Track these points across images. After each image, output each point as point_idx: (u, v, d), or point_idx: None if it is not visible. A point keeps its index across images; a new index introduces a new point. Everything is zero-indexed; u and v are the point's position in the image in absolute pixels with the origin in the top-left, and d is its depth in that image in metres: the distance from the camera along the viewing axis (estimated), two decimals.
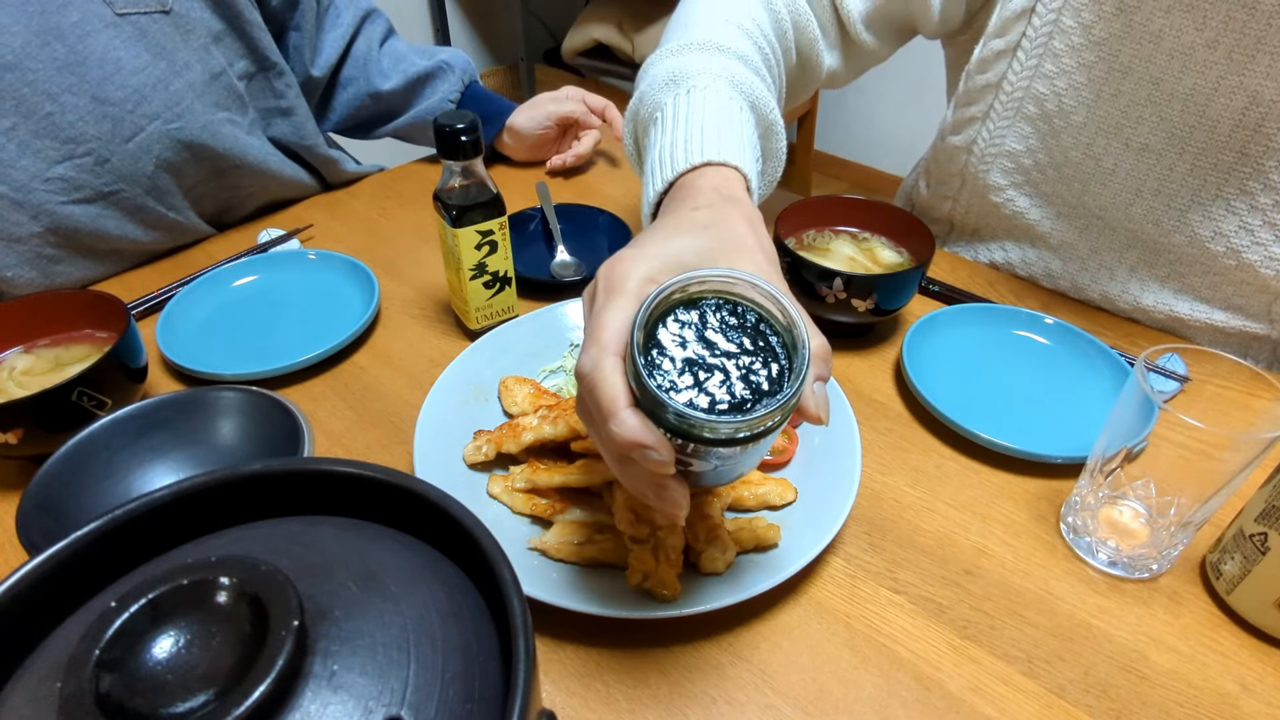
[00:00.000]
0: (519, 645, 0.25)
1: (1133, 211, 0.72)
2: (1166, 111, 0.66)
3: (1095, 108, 0.70)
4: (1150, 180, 0.70)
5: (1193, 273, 0.72)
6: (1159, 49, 0.64)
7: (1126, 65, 0.66)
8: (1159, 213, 0.71)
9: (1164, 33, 0.63)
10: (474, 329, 0.73)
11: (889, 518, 0.58)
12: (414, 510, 0.31)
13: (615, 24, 2.28)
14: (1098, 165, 0.72)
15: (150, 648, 0.24)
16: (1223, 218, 0.68)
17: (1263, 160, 0.64)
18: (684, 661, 0.48)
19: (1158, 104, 0.66)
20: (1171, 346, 0.51)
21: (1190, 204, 0.69)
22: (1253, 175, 0.65)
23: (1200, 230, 0.69)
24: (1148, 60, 0.65)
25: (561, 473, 0.55)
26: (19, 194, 0.72)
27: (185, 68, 0.78)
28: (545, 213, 0.90)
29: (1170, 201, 0.70)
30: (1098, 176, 0.73)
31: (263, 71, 0.88)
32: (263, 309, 0.78)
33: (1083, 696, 0.47)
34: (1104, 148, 0.71)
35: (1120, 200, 0.72)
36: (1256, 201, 0.66)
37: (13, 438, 0.55)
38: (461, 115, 0.63)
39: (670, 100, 0.58)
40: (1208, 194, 0.68)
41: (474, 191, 0.66)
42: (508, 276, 0.72)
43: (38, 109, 0.71)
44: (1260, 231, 0.66)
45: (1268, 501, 0.48)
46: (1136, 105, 0.68)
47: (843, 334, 0.75)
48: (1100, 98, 0.69)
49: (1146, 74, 0.66)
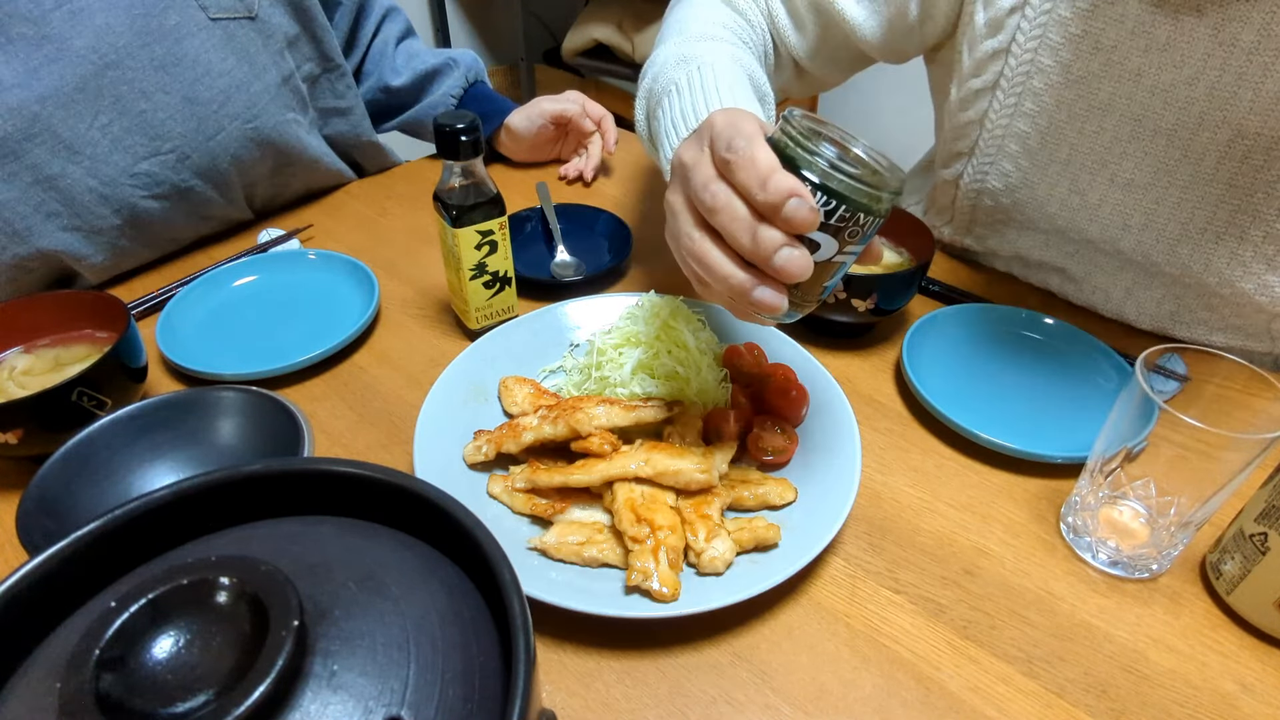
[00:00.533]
0: (519, 645, 0.25)
1: (1122, 245, 0.71)
2: (1150, 147, 0.66)
3: (1078, 145, 0.69)
4: (1137, 215, 0.69)
5: (1189, 295, 0.72)
6: (1139, 87, 0.64)
7: (1107, 103, 0.66)
8: (1148, 245, 0.70)
9: (1143, 71, 0.63)
10: (474, 329, 0.73)
11: (889, 518, 0.58)
12: (414, 510, 0.31)
13: (615, 24, 2.28)
14: (1083, 200, 0.71)
15: (150, 648, 0.24)
16: (1213, 249, 0.67)
17: (1251, 193, 0.63)
18: (684, 661, 0.48)
19: (1141, 140, 0.66)
20: (1171, 346, 0.51)
21: (1180, 237, 0.68)
22: (1241, 208, 0.64)
23: (1192, 263, 0.68)
24: (1128, 98, 0.65)
25: (561, 473, 0.55)
26: (107, 188, 0.75)
27: (263, 71, 0.84)
28: (545, 213, 0.90)
29: (1159, 235, 0.69)
30: (1084, 211, 0.72)
31: (326, 73, 0.94)
32: (263, 309, 0.78)
33: (1083, 696, 0.47)
34: (1089, 183, 0.70)
35: (1109, 234, 0.72)
36: (1247, 234, 0.65)
37: (13, 438, 0.55)
38: (461, 115, 0.63)
39: (684, 75, 0.64)
40: (1196, 226, 0.67)
41: (474, 191, 0.66)
42: (508, 276, 0.72)
43: (133, 106, 0.75)
44: (1252, 263, 0.66)
45: (1268, 501, 0.48)
46: (1120, 142, 0.67)
47: (843, 334, 0.75)
48: (1083, 135, 0.68)
49: (1128, 112, 0.65)
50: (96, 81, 0.72)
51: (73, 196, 0.74)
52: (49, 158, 0.71)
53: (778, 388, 0.63)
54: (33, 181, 0.71)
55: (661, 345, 0.65)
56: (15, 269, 0.74)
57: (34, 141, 0.70)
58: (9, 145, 0.69)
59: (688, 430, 0.58)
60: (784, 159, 0.42)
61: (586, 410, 0.57)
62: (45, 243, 0.74)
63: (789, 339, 0.69)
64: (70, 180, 0.73)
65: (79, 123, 0.72)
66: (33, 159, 0.71)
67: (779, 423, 0.62)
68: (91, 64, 0.71)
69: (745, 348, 0.68)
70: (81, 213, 0.75)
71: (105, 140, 0.74)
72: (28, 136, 0.70)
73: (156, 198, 0.79)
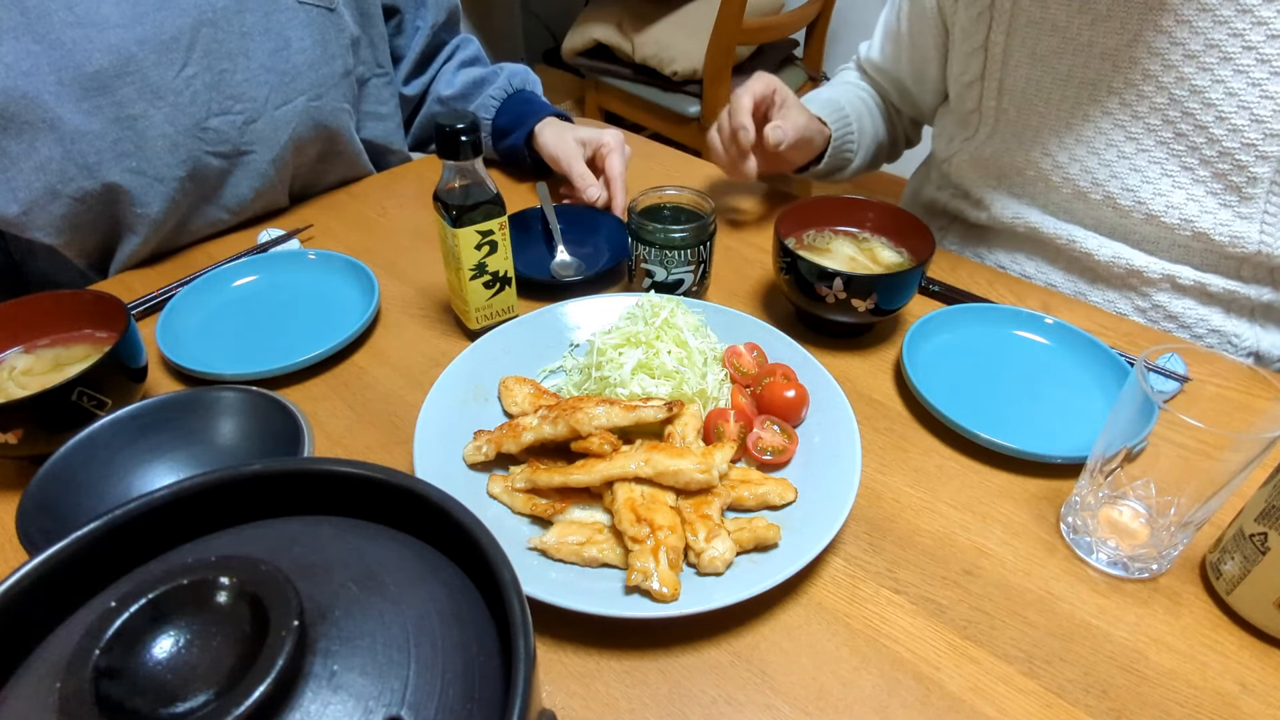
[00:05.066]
0: (519, 645, 0.25)
1: (1091, 196, 0.81)
2: (1106, 106, 0.77)
3: (1045, 114, 0.82)
4: (1101, 170, 0.79)
5: (1161, 239, 0.80)
6: (1091, 55, 0.76)
7: (1066, 74, 0.79)
8: (1115, 193, 0.79)
9: (1093, 41, 0.76)
10: (474, 329, 0.73)
11: (889, 518, 0.58)
12: (414, 510, 0.31)
13: (615, 24, 2.28)
14: (1054, 161, 0.82)
15: (150, 648, 0.24)
16: (1171, 192, 0.76)
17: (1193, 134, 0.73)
18: (684, 661, 0.48)
19: (1097, 101, 0.78)
20: (1171, 346, 0.51)
21: (1141, 183, 0.78)
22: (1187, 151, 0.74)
23: (1153, 206, 0.77)
24: (1084, 66, 0.77)
25: (561, 473, 0.55)
26: (180, 136, 0.80)
27: (333, 58, 0.90)
28: (545, 213, 0.90)
29: (1123, 185, 0.79)
30: (1056, 171, 0.82)
31: (376, 77, 1.00)
32: (263, 309, 0.78)
33: (1083, 696, 0.47)
34: (1057, 146, 0.82)
35: (1082, 186, 0.81)
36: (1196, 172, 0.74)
37: (13, 438, 0.55)
38: (461, 115, 0.63)
39: None
40: (1154, 173, 0.77)
41: (474, 191, 0.66)
42: (508, 276, 0.72)
43: (217, 64, 0.80)
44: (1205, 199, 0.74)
45: (1268, 501, 0.48)
46: (1081, 105, 0.79)
47: (843, 334, 0.75)
48: (1049, 104, 0.81)
49: (1085, 78, 0.78)
50: (192, 35, 0.78)
51: (147, 139, 0.78)
52: (135, 97, 0.76)
53: (778, 388, 0.63)
54: (115, 119, 0.76)
55: (662, 345, 0.65)
56: (75, 202, 0.77)
57: (124, 80, 0.75)
58: (102, 79, 0.74)
59: (688, 430, 0.58)
60: None
61: (586, 410, 0.57)
62: (113, 178, 0.77)
63: (789, 339, 0.69)
64: (148, 123, 0.77)
65: (168, 70, 0.77)
66: (120, 96, 0.75)
67: (779, 423, 0.62)
68: (191, 18, 0.78)
69: (745, 348, 0.68)
70: (151, 157, 0.79)
71: (187, 91, 0.79)
72: (120, 74, 0.74)
73: (218, 155, 0.83)
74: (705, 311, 0.71)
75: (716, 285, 0.83)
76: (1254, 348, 0.80)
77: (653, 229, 0.73)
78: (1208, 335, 0.81)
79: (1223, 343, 0.81)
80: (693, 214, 0.76)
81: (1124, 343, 0.75)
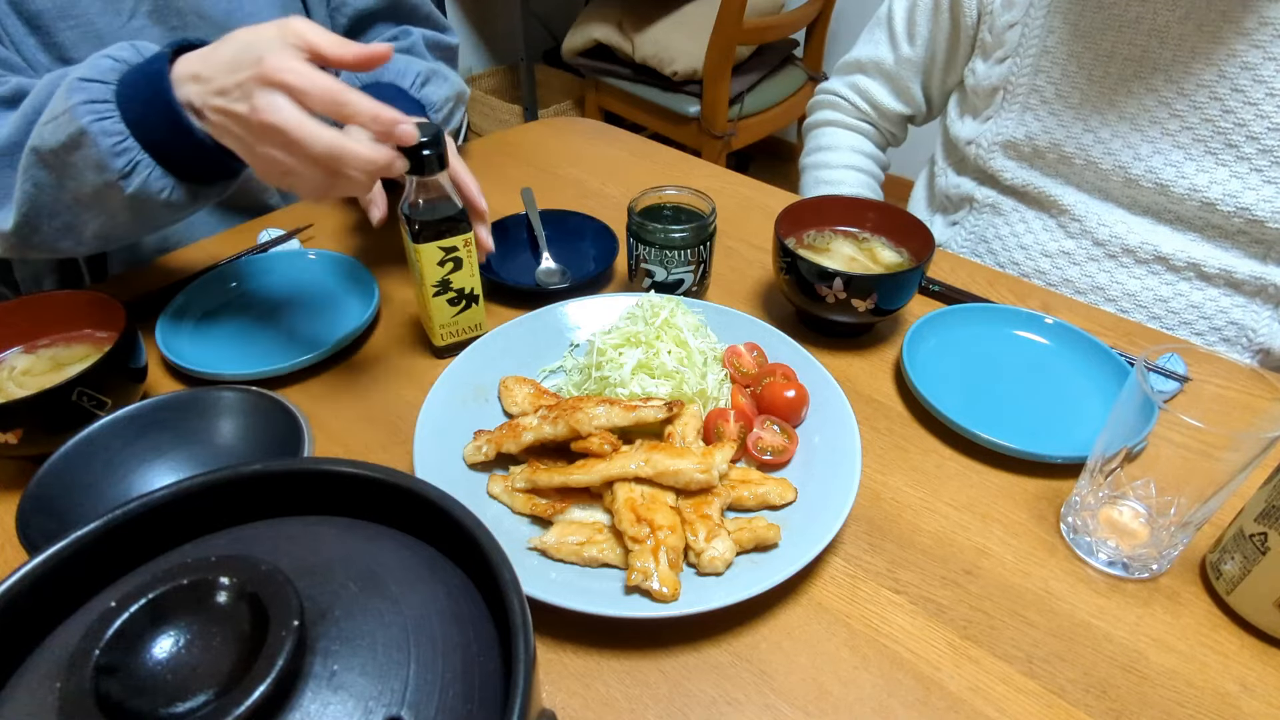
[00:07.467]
0: (519, 645, 0.25)
1: (1133, 171, 0.82)
2: (1151, 83, 0.79)
3: (1088, 91, 0.83)
4: (1144, 145, 0.80)
5: (1194, 219, 0.81)
6: (1138, 31, 0.78)
7: (1110, 50, 0.80)
8: (1157, 169, 0.81)
9: (1141, 17, 0.77)
10: (439, 345, 0.71)
11: (889, 518, 0.58)
12: (414, 510, 0.31)
13: (615, 24, 2.28)
14: (1096, 137, 0.83)
15: (150, 648, 0.24)
16: (1214, 170, 0.78)
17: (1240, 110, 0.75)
18: (684, 661, 0.48)
19: (1142, 78, 0.79)
20: (1171, 346, 0.51)
21: (1184, 160, 0.79)
22: (1234, 129, 0.76)
23: (1197, 180, 0.79)
24: (1129, 43, 0.79)
25: (561, 473, 0.55)
26: None
27: None
28: (530, 219, 0.88)
29: (1165, 160, 0.80)
30: (1097, 146, 0.83)
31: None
32: (263, 309, 0.78)
33: (1083, 696, 0.47)
34: (1100, 122, 0.83)
35: (1122, 161, 0.83)
36: (1241, 150, 0.76)
37: (13, 438, 0.55)
38: (424, 128, 0.58)
39: None
40: (1198, 151, 0.78)
41: (439, 207, 0.63)
42: (474, 294, 0.69)
43: (168, 20, 0.78)
44: (1249, 176, 0.77)
45: (1268, 501, 0.48)
46: (1125, 81, 0.80)
47: (843, 334, 0.75)
48: (1091, 80, 0.82)
49: (1130, 55, 0.79)
50: None
51: None
52: (78, 41, 0.73)
53: (778, 388, 0.63)
54: (57, 59, 0.73)
55: (662, 345, 0.65)
56: None
57: (67, 22, 0.73)
58: (44, 19, 0.72)
59: (688, 430, 0.58)
60: None
61: (586, 410, 0.57)
62: None
63: (789, 339, 0.69)
64: None
65: (115, 18, 0.75)
66: (62, 38, 0.73)
67: (779, 423, 0.62)
68: None
69: (745, 348, 0.68)
70: None
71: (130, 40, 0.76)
72: (63, 15, 0.72)
73: None
74: (705, 311, 0.71)
75: (716, 285, 0.83)
76: (1267, 344, 0.81)
77: (653, 229, 0.73)
78: (1226, 327, 0.82)
79: (1240, 335, 0.81)
80: (693, 214, 0.76)
81: (1124, 343, 0.75)
